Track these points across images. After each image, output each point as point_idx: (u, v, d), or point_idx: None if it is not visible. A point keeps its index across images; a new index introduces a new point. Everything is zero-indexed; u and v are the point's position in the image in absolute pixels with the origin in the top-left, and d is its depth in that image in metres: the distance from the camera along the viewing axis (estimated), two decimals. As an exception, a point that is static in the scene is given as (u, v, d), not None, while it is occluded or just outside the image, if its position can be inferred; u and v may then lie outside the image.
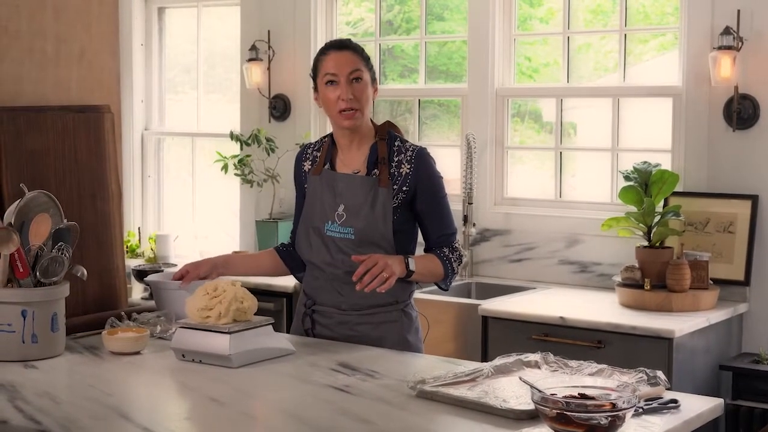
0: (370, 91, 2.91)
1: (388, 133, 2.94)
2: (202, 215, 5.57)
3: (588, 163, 4.50)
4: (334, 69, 2.86)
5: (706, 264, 3.75)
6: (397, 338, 2.90)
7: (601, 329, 3.55)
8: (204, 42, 5.57)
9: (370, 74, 2.91)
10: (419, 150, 2.93)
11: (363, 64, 2.89)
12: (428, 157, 2.95)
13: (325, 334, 2.94)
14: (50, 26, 3.26)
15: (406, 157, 2.90)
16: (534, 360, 2.54)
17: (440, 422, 2.18)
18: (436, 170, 2.96)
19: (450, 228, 2.98)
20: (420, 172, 2.90)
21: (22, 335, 2.66)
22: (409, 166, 2.89)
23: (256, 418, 2.22)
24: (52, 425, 2.13)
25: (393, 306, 2.91)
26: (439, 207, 2.96)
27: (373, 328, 2.90)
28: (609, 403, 2.00)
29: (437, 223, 2.95)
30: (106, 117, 3.24)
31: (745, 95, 3.88)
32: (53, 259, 2.73)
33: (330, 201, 2.90)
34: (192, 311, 2.68)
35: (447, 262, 2.93)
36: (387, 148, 2.90)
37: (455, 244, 2.97)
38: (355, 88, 2.85)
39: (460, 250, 2.97)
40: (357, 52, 2.91)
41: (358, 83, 2.86)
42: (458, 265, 2.96)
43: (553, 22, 4.55)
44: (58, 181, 3.07)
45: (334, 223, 2.88)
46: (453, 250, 2.95)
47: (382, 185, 2.86)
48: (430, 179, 2.93)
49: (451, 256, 2.94)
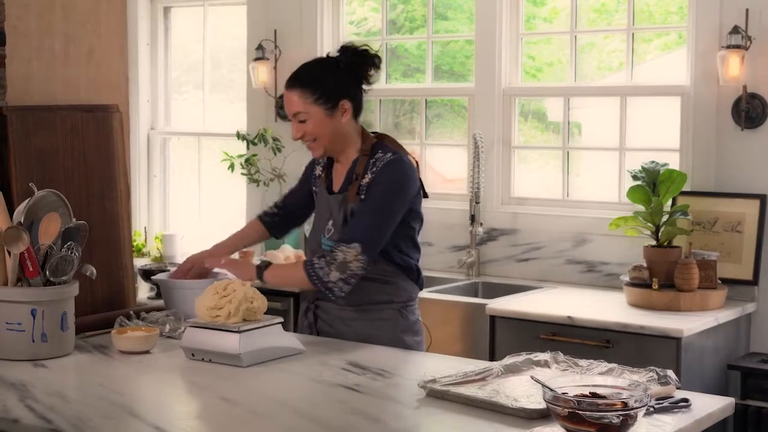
0: (324, 122, 2.88)
1: (373, 148, 2.94)
2: (208, 215, 5.57)
3: (594, 162, 4.50)
4: (285, 108, 2.96)
5: (714, 263, 3.75)
6: (392, 336, 2.93)
7: (609, 329, 3.55)
8: (210, 41, 5.57)
9: (321, 105, 2.87)
10: (391, 160, 2.90)
11: (307, 101, 2.87)
12: (394, 168, 2.88)
13: (326, 329, 2.99)
14: (59, 26, 3.27)
15: (376, 167, 2.90)
16: (544, 359, 2.54)
17: (451, 421, 2.18)
18: (393, 182, 2.86)
19: (344, 234, 2.84)
20: (376, 178, 2.89)
21: (32, 334, 2.66)
22: (371, 176, 2.90)
23: (267, 417, 2.22)
24: (63, 424, 2.14)
25: (387, 305, 2.94)
26: (359, 209, 2.87)
27: (367, 325, 2.93)
28: (620, 402, 1.99)
29: (349, 223, 2.88)
30: (114, 116, 3.24)
31: (753, 94, 3.88)
32: (63, 258, 2.73)
33: (322, 217, 3.01)
34: (201, 310, 2.68)
35: (308, 267, 2.81)
36: (365, 162, 2.92)
37: (335, 251, 2.80)
38: (302, 127, 2.91)
39: (332, 257, 2.79)
40: (302, 88, 2.87)
41: (302, 123, 2.90)
42: (326, 273, 2.78)
43: (557, 21, 4.55)
44: (67, 181, 3.07)
45: (325, 236, 2.97)
46: (323, 256, 2.81)
47: (350, 201, 2.91)
48: (377, 185, 2.87)
49: (316, 261, 2.81)
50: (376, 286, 2.92)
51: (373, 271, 2.88)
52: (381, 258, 2.90)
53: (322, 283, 2.81)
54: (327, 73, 2.91)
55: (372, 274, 2.89)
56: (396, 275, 2.94)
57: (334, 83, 2.90)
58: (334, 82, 2.90)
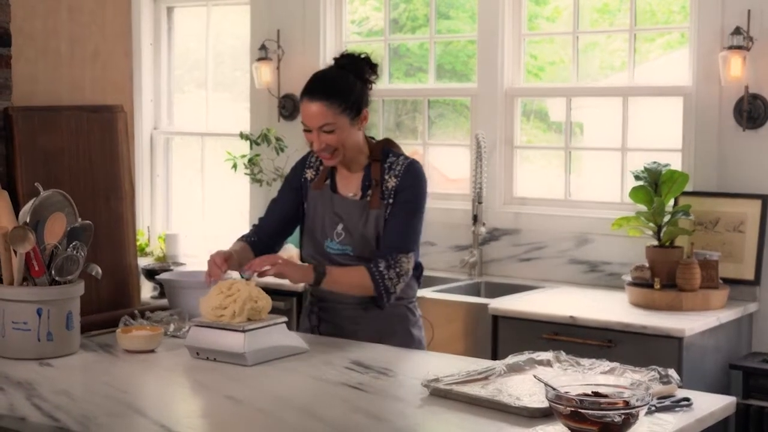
0: (348, 131, 2.87)
1: (382, 152, 2.96)
2: (211, 214, 5.58)
3: (596, 162, 4.51)
4: (306, 120, 2.87)
5: (716, 263, 3.76)
6: (404, 331, 2.97)
7: (611, 328, 3.56)
8: (213, 41, 5.58)
9: (348, 115, 2.86)
10: (409, 163, 2.94)
11: (335, 112, 2.83)
12: (417, 170, 2.94)
13: (331, 331, 2.99)
14: (64, 26, 3.28)
15: (395, 171, 2.92)
16: (546, 358, 2.55)
17: (454, 420, 2.19)
18: (419, 184, 2.92)
19: (398, 242, 2.87)
20: (403, 182, 2.91)
21: (38, 333, 2.68)
22: (396, 180, 2.92)
23: (271, 416, 2.23)
24: (70, 422, 2.15)
25: (399, 301, 2.96)
26: (399, 216, 2.90)
27: (381, 322, 2.95)
28: (622, 401, 2.01)
29: (390, 231, 2.89)
30: (119, 117, 3.26)
31: (755, 95, 3.89)
32: (68, 257, 2.75)
33: (330, 220, 2.96)
34: (206, 310, 2.69)
35: (378, 277, 2.83)
36: (380, 167, 2.93)
37: (399, 261, 2.84)
38: (327, 138, 2.86)
39: (401, 268, 2.84)
40: (329, 99, 2.83)
41: (329, 134, 2.86)
42: (395, 284, 2.84)
43: (559, 21, 4.56)
44: (73, 181, 3.09)
45: (333, 240, 2.95)
46: (390, 267, 2.84)
47: (372, 207, 2.91)
48: (407, 189, 2.91)
49: (385, 272, 2.83)
50: None
51: None
52: None
53: (388, 295, 2.85)
54: (349, 82, 2.89)
55: None
56: None
57: (357, 93, 2.89)
58: (357, 92, 2.89)
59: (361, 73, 2.92)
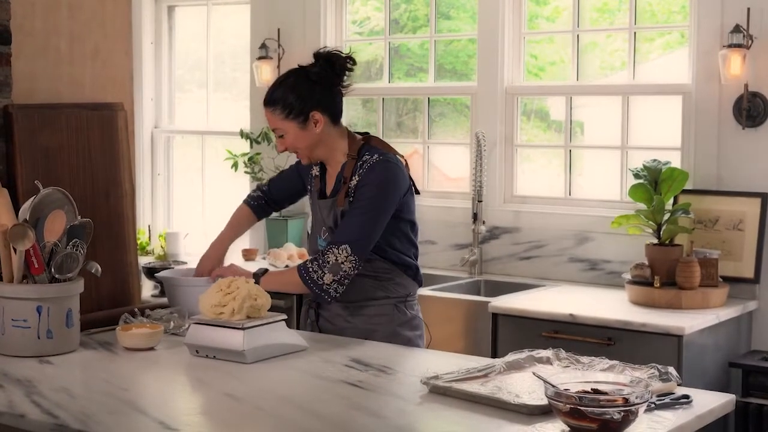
0: (300, 135, 2.95)
1: (360, 151, 2.97)
2: (211, 213, 5.58)
3: (596, 161, 4.51)
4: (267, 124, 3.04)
5: (715, 261, 3.76)
6: (389, 331, 2.98)
7: (611, 326, 3.56)
8: (213, 40, 5.58)
9: (293, 120, 2.93)
10: (376, 161, 2.94)
11: (279, 118, 2.95)
12: (382, 169, 2.92)
13: (327, 327, 3.03)
14: (65, 24, 3.28)
15: (362, 169, 2.94)
16: (546, 356, 2.55)
17: (453, 417, 2.20)
18: (379, 182, 2.91)
19: (337, 236, 2.89)
20: (362, 180, 2.93)
21: (38, 331, 2.68)
22: (359, 178, 2.93)
23: (270, 413, 2.24)
24: (70, 419, 2.15)
25: (384, 300, 2.98)
26: (350, 213, 2.92)
27: (365, 321, 2.98)
28: (622, 398, 2.01)
29: (338, 227, 2.94)
30: (119, 115, 3.26)
31: (755, 93, 3.89)
32: (68, 255, 2.75)
33: (318, 219, 3.07)
34: (205, 307, 2.70)
35: (303, 271, 2.88)
36: (353, 165, 2.96)
37: (326, 253, 2.86)
38: (283, 141, 2.99)
39: (325, 260, 2.85)
40: (272, 107, 2.95)
41: (283, 138, 2.98)
42: (320, 276, 2.85)
43: (559, 21, 4.56)
44: (72, 178, 3.09)
45: (321, 237, 3.03)
46: (315, 260, 2.87)
47: (339, 205, 2.97)
48: (364, 186, 2.92)
49: (309, 265, 2.87)
50: (372, 283, 2.97)
51: (368, 268, 2.94)
52: (376, 256, 2.95)
53: (318, 287, 2.88)
54: (291, 89, 2.94)
55: (368, 272, 2.95)
56: (392, 272, 2.98)
57: (300, 98, 2.93)
58: (298, 97, 2.93)
59: (324, 74, 2.94)
